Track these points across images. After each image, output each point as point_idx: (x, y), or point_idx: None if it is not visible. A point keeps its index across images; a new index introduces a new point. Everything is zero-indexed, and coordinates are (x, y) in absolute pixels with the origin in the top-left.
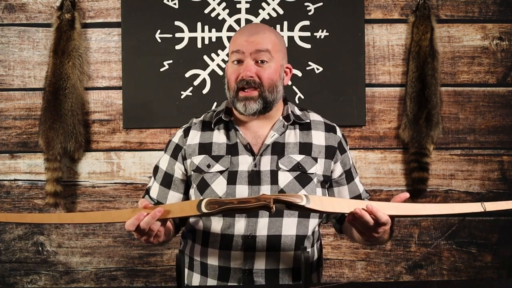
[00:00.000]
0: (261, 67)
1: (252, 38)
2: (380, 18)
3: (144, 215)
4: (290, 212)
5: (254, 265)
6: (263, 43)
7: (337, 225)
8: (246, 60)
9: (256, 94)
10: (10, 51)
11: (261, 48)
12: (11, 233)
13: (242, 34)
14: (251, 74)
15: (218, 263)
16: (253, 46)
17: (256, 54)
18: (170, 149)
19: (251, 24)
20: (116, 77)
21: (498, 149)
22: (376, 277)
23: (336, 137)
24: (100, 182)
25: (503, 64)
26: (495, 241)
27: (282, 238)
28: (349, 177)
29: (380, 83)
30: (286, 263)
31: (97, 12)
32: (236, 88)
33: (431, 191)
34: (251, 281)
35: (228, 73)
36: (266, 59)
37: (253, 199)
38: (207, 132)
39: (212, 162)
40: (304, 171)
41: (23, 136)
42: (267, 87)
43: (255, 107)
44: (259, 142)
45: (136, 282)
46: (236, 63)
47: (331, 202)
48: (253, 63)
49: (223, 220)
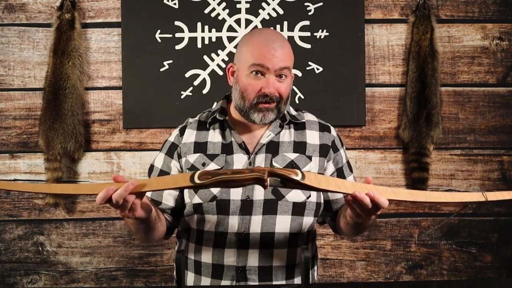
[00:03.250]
0: (281, 82)
1: (277, 53)
2: (380, 18)
3: (114, 190)
4: (284, 209)
5: (247, 263)
6: (285, 60)
7: (332, 222)
8: (268, 76)
9: (274, 105)
10: (10, 51)
11: (284, 65)
12: (11, 233)
13: (264, 45)
14: (275, 92)
15: (212, 261)
16: (278, 63)
17: (279, 71)
18: (165, 147)
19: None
20: (116, 77)
21: (498, 149)
22: (376, 277)
23: (330, 136)
24: (100, 182)
25: (503, 64)
26: (495, 241)
27: (276, 235)
28: (340, 176)
29: (380, 83)
30: (279, 260)
31: (97, 12)
32: (256, 102)
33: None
34: (244, 279)
35: (243, 83)
36: (286, 74)
37: (247, 170)
38: (203, 131)
39: (207, 161)
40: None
41: (23, 136)
42: (284, 100)
43: (272, 117)
44: (254, 141)
45: (136, 282)
46: (254, 74)
47: (327, 180)
48: (275, 79)
49: (217, 218)
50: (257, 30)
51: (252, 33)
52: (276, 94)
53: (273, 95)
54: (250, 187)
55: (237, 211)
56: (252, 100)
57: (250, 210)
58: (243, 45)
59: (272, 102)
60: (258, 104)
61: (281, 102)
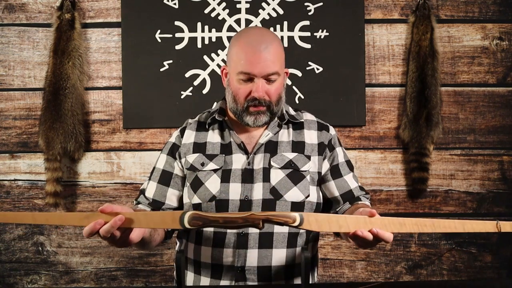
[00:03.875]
0: (270, 85)
1: (263, 58)
2: (380, 18)
3: (101, 224)
4: (282, 209)
5: (246, 263)
6: (273, 64)
7: None
8: (257, 81)
9: (265, 108)
10: (10, 51)
11: (272, 71)
12: (11, 233)
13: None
14: (264, 96)
15: (211, 261)
16: (265, 69)
17: (267, 76)
18: (167, 148)
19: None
20: (116, 77)
21: (498, 149)
22: (376, 277)
23: (328, 135)
24: (100, 182)
25: (503, 64)
26: (495, 241)
27: (274, 235)
28: (336, 173)
29: (380, 83)
30: (278, 260)
31: (97, 12)
32: (246, 105)
33: (431, 191)
34: (243, 279)
35: (234, 87)
36: (275, 78)
37: (240, 219)
38: (202, 132)
39: (206, 161)
40: (296, 169)
41: (23, 136)
42: (275, 102)
43: (264, 119)
44: (253, 141)
45: (136, 282)
46: (243, 81)
47: (328, 220)
48: (264, 82)
49: None
50: (244, 31)
51: (239, 34)
52: (266, 97)
53: (262, 98)
54: (249, 188)
55: (236, 210)
56: (243, 104)
57: (249, 210)
58: (231, 47)
59: (262, 106)
60: (248, 107)
61: (272, 104)
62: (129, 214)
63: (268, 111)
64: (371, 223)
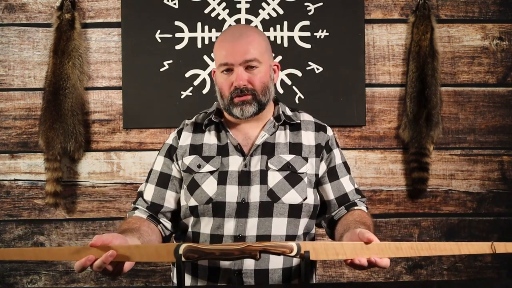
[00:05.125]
0: (252, 73)
1: (237, 47)
2: (380, 18)
3: (92, 260)
4: (280, 212)
5: (243, 266)
6: (249, 53)
7: (328, 230)
8: (236, 69)
9: (250, 97)
10: (10, 51)
11: (250, 58)
12: (11, 233)
13: (227, 42)
14: (244, 83)
15: (208, 264)
16: (240, 57)
17: (245, 63)
18: (164, 150)
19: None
20: (116, 77)
21: (498, 149)
22: (376, 277)
23: (326, 136)
24: (100, 182)
25: (503, 64)
26: (495, 241)
27: (272, 238)
28: (333, 175)
29: (380, 83)
30: (275, 263)
31: (97, 12)
32: (230, 97)
33: (431, 191)
34: (240, 282)
35: (219, 82)
36: (255, 65)
37: (237, 251)
38: (199, 133)
39: (202, 163)
40: (294, 171)
41: (23, 136)
42: (260, 90)
43: (251, 110)
44: (249, 143)
45: (136, 282)
46: (225, 73)
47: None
48: (243, 70)
49: (213, 221)
50: (227, 29)
51: (222, 32)
52: (248, 85)
53: (243, 87)
54: (246, 190)
55: (233, 213)
56: (228, 96)
57: (246, 212)
58: (215, 46)
59: (246, 95)
60: (233, 99)
61: (257, 94)
62: (121, 248)
63: (254, 101)
64: (368, 249)
